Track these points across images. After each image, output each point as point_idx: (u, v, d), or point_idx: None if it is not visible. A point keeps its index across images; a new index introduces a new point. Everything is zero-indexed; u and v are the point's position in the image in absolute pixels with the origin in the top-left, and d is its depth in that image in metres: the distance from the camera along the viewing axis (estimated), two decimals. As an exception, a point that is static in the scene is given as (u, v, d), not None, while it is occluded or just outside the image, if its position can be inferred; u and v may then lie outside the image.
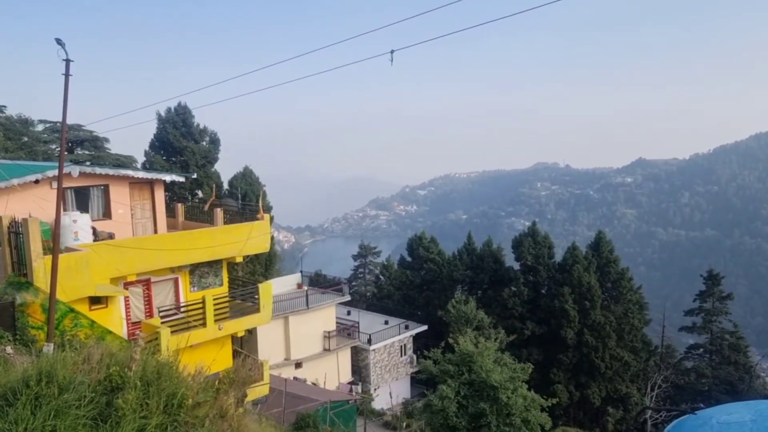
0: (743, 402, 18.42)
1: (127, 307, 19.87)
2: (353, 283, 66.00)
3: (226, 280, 23.53)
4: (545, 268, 49.98)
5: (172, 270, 21.19)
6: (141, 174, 21.97)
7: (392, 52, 12.30)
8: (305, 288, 41.85)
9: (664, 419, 29.99)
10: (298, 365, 38.35)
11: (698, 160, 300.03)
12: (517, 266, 51.65)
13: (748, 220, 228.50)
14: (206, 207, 24.80)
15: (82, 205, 19.90)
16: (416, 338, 46.95)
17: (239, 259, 23.35)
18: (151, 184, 22.05)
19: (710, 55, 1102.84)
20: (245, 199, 41.94)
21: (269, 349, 32.83)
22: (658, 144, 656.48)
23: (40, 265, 14.93)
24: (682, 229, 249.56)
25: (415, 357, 45.72)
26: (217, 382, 7.88)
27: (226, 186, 46.84)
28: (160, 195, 22.35)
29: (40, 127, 47.89)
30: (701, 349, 50.74)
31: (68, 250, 16.51)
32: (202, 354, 17.26)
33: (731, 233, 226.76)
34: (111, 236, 19.21)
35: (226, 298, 22.51)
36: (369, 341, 42.51)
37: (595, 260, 48.99)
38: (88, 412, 5.90)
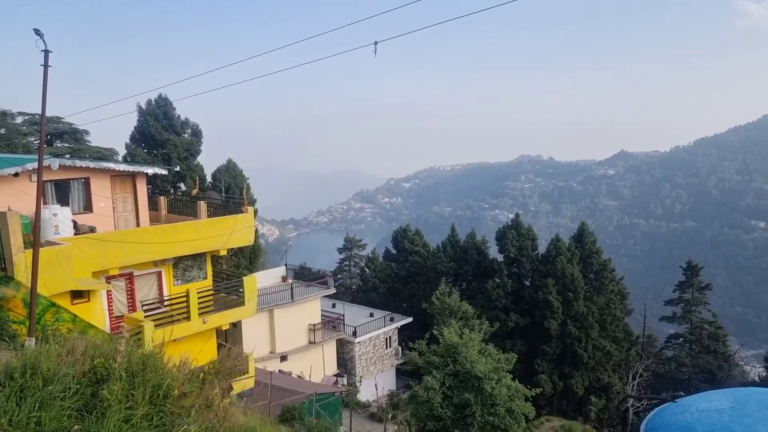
0: (722, 390, 18.72)
1: (110, 301, 19.73)
2: (338, 276, 66.02)
3: (210, 273, 23.47)
4: (529, 259, 50.35)
5: (156, 263, 21.08)
6: (122, 167, 21.71)
7: (376, 43, 12.29)
8: (290, 281, 41.75)
9: (645, 407, 30.36)
10: (283, 358, 38.34)
11: (679, 152, 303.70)
12: (500, 258, 51.94)
13: (728, 212, 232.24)
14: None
15: (63, 199, 19.65)
16: (401, 330, 47.14)
17: (223, 253, 23.29)
18: (132, 177, 21.82)
19: (690, 48, 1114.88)
20: (229, 192, 41.66)
21: (254, 342, 32.77)
22: (639, 136, 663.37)
23: (20, 259, 14.79)
24: (663, 220, 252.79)
25: (400, 349, 45.93)
26: (202, 373, 7.89)
27: (209, 179, 46.51)
28: (142, 188, 22.14)
29: (19, 120, 46.97)
30: (681, 339, 51.55)
31: (49, 243, 16.35)
32: (186, 347, 17.21)
33: (711, 224, 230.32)
34: (92, 230, 19.03)
35: (211, 292, 22.46)
36: (354, 334, 42.59)
37: (578, 252, 49.45)
38: (74, 404, 5.89)
